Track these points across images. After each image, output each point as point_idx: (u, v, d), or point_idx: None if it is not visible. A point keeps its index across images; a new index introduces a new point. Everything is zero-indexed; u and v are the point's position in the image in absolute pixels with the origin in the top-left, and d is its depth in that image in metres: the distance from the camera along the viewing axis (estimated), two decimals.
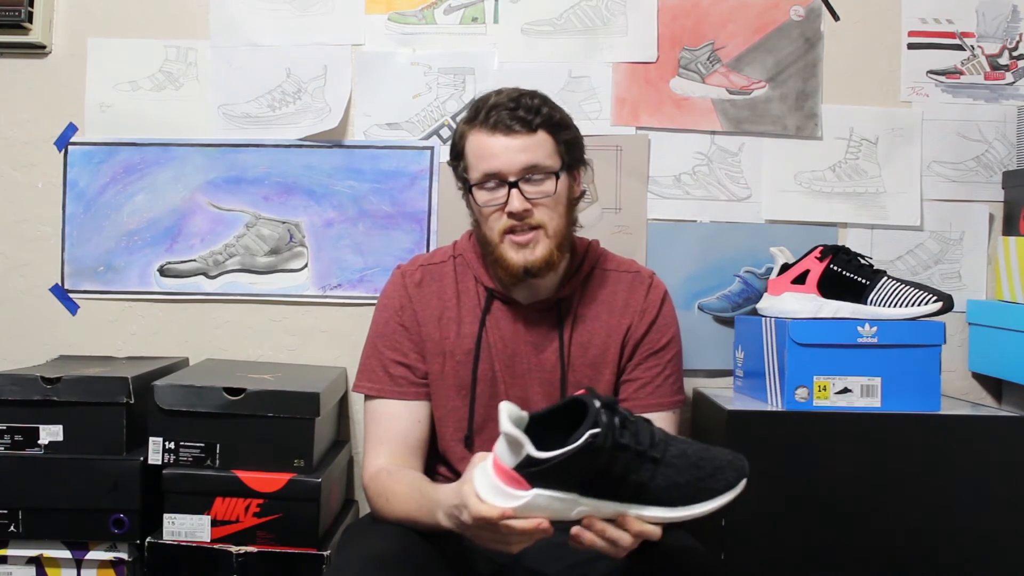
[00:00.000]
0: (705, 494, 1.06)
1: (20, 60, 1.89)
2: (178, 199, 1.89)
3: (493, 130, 1.33)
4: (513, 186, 1.33)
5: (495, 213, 1.35)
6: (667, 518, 1.06)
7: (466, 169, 1.38)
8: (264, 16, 1.88)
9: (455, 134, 1.41)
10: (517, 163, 1.33)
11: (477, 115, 1.35)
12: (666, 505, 1.06)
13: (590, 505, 1.04)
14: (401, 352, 1.42)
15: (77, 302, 1.90)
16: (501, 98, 1.35)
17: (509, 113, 1.33)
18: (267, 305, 1.90)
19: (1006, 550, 1.55)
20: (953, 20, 1.90)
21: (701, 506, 1.06)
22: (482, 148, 1.34)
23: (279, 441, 1.54)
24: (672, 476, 1.06)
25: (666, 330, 1.45)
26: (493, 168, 1.33)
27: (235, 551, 1.51)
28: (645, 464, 1.05)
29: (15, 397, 1.55)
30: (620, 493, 1.05)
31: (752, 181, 1.89)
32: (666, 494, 1.05)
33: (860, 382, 1.59)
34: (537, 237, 1.35)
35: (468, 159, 1.37)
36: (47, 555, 1.55)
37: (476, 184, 1.35)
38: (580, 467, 1.01)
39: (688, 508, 1.06)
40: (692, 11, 1.88)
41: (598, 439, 1.00)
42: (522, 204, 1.33)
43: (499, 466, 1.03)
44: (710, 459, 1.08)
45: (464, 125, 1.38)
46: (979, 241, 1.90)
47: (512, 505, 1.02)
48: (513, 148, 1.33)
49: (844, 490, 1.55)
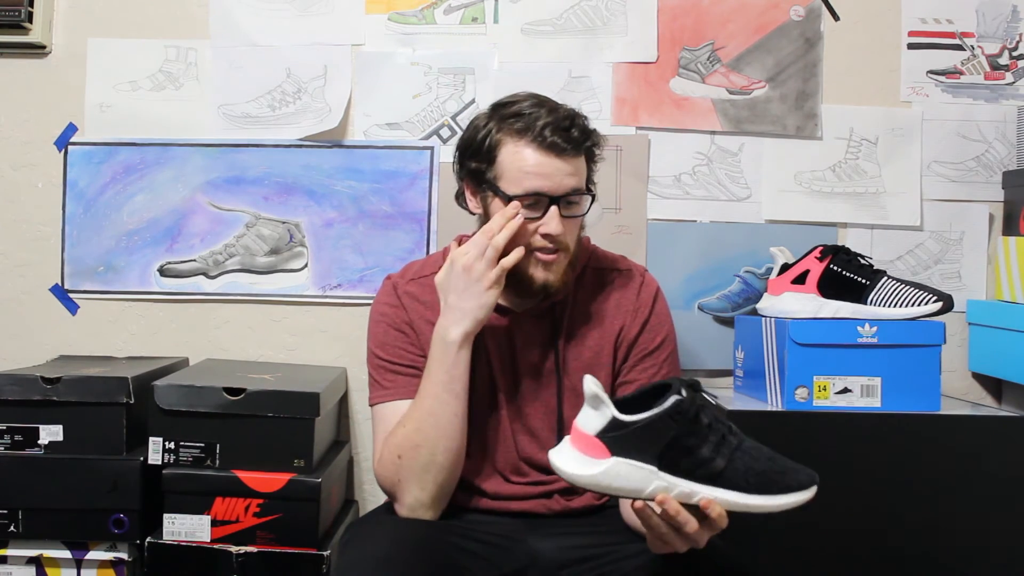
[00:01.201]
0: (779, 487, 1.06)
1: (20, 60, 1.89)
2: (178, 199, 1.89)
3: (547, 150, 1.29)
4: (554, 203, 1.30)
5: (527, 229, 1.31)
6: (741, 504, 1.06)
7: (497, 177, 1.32)
8: (264, 16, 1.88)
9: (483, 134, 1.33)
10: (565, 186, 1.30)
11: (526, 128, 1.30)
12: (741, 491, 1.05)
13: (666, 481, 1.05)
14: (402, 354, 1.41)
15: (77, 302, 1.90)
16: (552, 116, 1.30)
17: (564, 135, 1.29)
18: (267, 305, 1.90)
19: (1006, 550, 1.56)
20: (953, 20, 1.90)
21: (775, 498, 1.06)
22: (531, 165, 1.29)
23: (279, 441, 1.54)
24: (748, 462, 1.06)
25: (659, 329, 1.43)
26: (542, 187, 1.29)
27: (235, 551, 1.51)
28: (724, 445, 1.06)
29: (15, 397, 1.55)
30: (697, 472, 1.05)
31: (752, 181, 1.89)
32: (742, 479, 1.05)
33: (860, 382, 1.59)
34: (559, 258, 1.33)
35: (505, 168, 1.31)
36: (47, 555, 1.55)
37: (516, 198, 1.30)
38: (662, 434, 1.03)
39: (762, 497, 1.06)
40: (692, 11, 1.89)
41: (683, 404, 1.03)
42: (559, 227, 1.30)
43: (579, 434, 1.04)
44: (783, 459, 1.09)
45: (502, 132, 1.31)
46: (979, 241, 1.90)
47: (593, 472, 1.03)
48: (564, 171, 1.30)
49: (844, 490, 1.55)
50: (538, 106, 1.32)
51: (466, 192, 1.40)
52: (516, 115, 1.31)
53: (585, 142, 1.33)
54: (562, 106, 1.34)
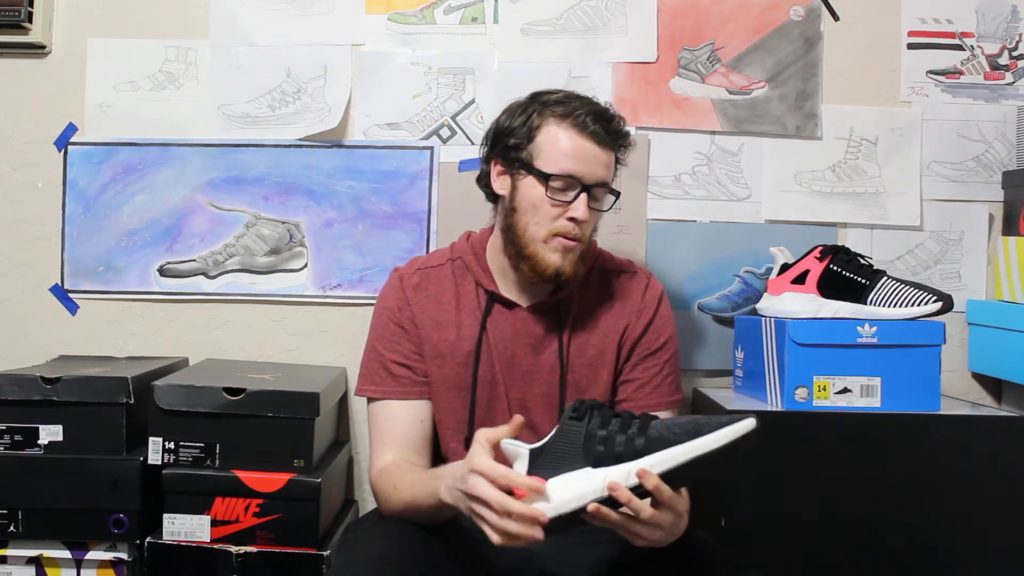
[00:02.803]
0: (711, 427, 1.06)
1: (20, 60, 1.89)
2: (178, 199, 1.89)
3: (589, 136, 1.33)
4: (585, 190, 1.33)
5: (553, 211, 1.34)
6: (679, 456, 1.06)
7: (533, 156, 1.35)
8: (264, 16, 1.88)
9: (524, 115, 1.36)
10: (597, 175, 1.34)
11: (569, 113, 1.33)
12: (672, 444, 1.06)
13: (602, 473, 1.07)
14: (401, 353, 1.42)
15: (77, 302, 1.90)
16: (595, 107, 1.35)
17: (605, 125, 1.34)
18: (267, 305, 1.90)
19: (1006, 550, 1.55)
20: (953, 20, 1.90)
21: (709, 437, 1.06)
22: (570, 147, 1.33)
23: (279, 441, 1.54)
24: (669, 424, 1.09)
25: (663, 330, 1.45)
26: (577, 171, 1.33)
27: (235, 551, 1.51)
28: (633, 426, 1.10)
29: (15, 397, 1.55)
30: (624, 456, 1.07)
31: (752, 181, 1.89)
32: (669, 435, 1.07)
33: (860, 382, 1.59)
34: (577, 248, 1.36)
35: (543, 147, 1.34)
36: (47, 555, 1.55)
37: (552, 177, 1.33)
38: (575, 437, 1.08)
39: (694, 440, 1.06)
40: (692, 11, 1.88)
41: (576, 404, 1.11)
42: (586, 213, 1.33)
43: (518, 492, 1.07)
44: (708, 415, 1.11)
45: (545, 114, 1.34)
46: (979, 241, 1.90)
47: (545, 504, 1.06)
48: (599, 160, 1.34)
49: (844, 490, 1.55)
50: (577, 97, 1.37)
51: (492, 171, 1.41)
52: (559, 102, 1.36)
53: (620, 139, 1.38)
54: (601, 103, 1.39)
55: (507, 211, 1.39)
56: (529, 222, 1.35)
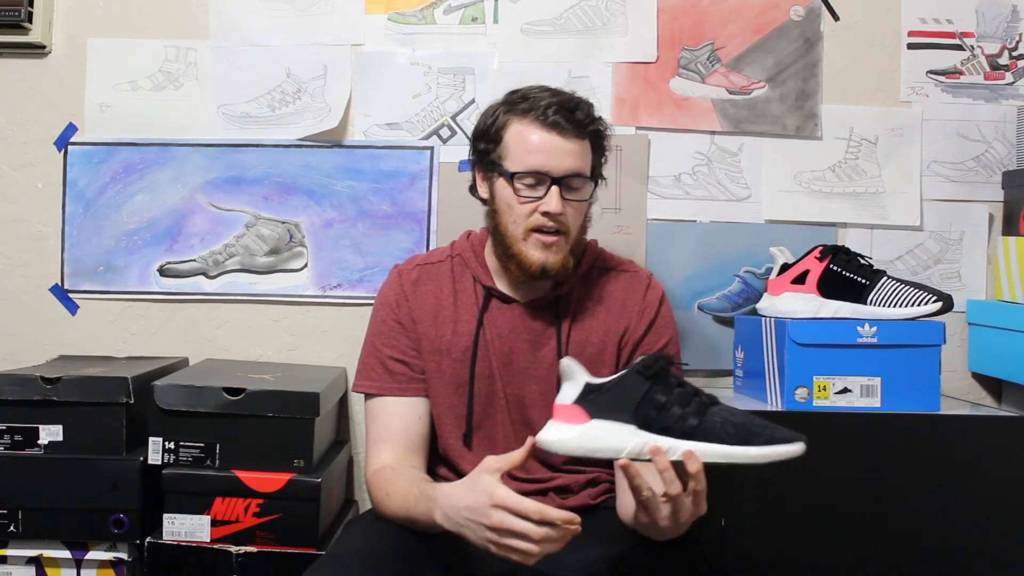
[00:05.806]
0: (762, 439, 1.06)
1: (20, 60, 1.89)
2: (178, 199, 1.89)
3: (550, 128, 1.33)
4: (555, 184, 1.33)
5: (526, 208, 1.34)
6: (724, 455, 1.06)
7: (501, 157, 1.36)
8: (264, 16, 1.88)
9: (492, 118, 1.38)
10: (565, 165, 1.33)
11: (531, 108, 1.34)
12: (722, 442, 1.06)
13: (644, 437, 1.07)
14: (399, 349, 1.42)
15: (77, 302, 1.90)
16: (557, 98, 1.35)
17: (567, 115, 1.33)
18: (267, 305, 1.90)
19: (1006, 550, 1.56)
20: (953, 20, 1.90)
21: (759, 449, 1.06)
22: (533, 142, 1.33)
23: (279, 441, 1.54)
24: (725, 416, 1.08)
25: (664, 331, 1.45)
26: (542, 165, 1.33)
27: (235, 551, 1.51)
28: (694, 403, 1.09)
29: (15, 397, 1.55)
30: (674, 429, 1.07)
31: (752, 181, 1.89)
32: (721, 430, 1.06)
33: (860, 382, 1.59)
34: (560, 242, 1.36)
35: (510, 147, 1.35)
36: (47, 555, 1.55)
37: (517, 175, 1.34)
38: (634, 391, 1.08)
39: (745, 448, 1.06)
40: (692, 11, 1.89)
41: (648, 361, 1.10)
42: (559, 205, 1.32)
43: (559, 407, 1.09)
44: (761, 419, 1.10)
45: (509, 113, 1.36)
46: (979, 241, 1.90)
47: (573, 434, 1.07)
48: (565, 150, 1.33)
49: (844, 490, 1.55)
50: (545, 91, 1.37)
51: (476, 178, 1.43)
52: (523, 98, 1.36)
53: (589, 125, 1.36)
54: (570, 93, 1.38)
55: (491, 213, 1.41)
56: (508, 222, 1.36)
